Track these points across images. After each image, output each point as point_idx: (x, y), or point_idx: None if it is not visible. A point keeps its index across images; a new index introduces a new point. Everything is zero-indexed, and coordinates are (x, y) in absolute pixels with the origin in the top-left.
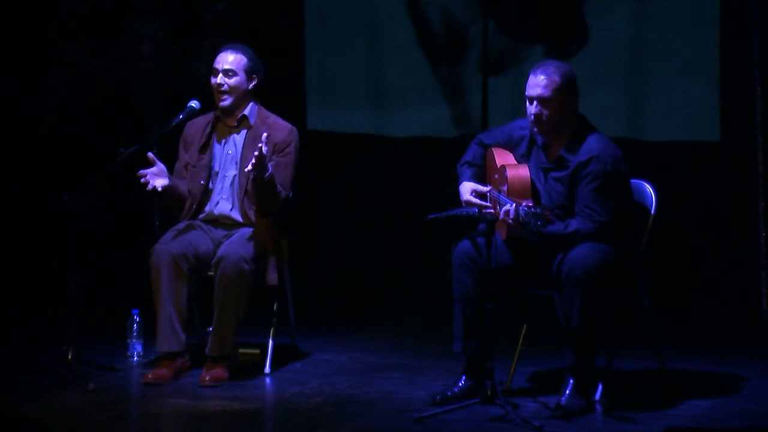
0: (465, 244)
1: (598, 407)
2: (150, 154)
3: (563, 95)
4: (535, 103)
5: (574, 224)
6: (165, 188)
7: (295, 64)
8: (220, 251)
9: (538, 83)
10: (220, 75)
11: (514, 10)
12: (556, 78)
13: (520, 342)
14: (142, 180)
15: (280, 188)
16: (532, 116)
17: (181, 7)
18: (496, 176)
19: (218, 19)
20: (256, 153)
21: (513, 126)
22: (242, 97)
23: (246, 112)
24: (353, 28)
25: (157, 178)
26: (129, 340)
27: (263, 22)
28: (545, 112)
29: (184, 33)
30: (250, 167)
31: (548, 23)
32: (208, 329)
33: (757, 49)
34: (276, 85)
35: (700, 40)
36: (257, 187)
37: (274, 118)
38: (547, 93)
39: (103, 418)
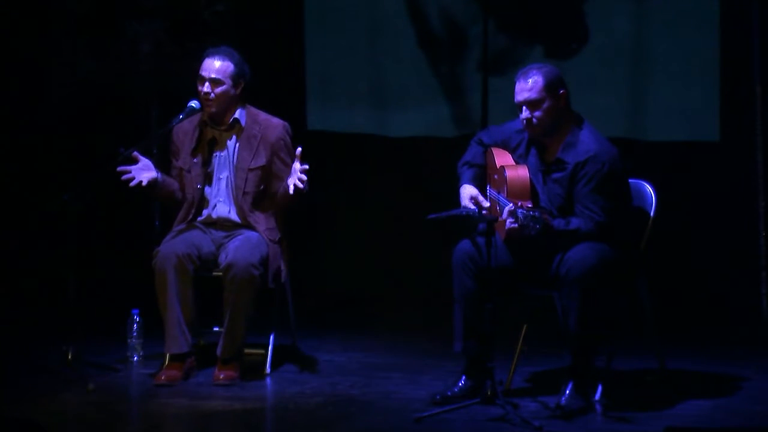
0: (465, 244)
1: (598, 407)
2: (135, 153)
3: (550, 94)
4: (524, 108)
5: (575, 222)
6: (152, 182)
7: (295, 64)
8: (230, 257)
9: (522, 88)
10: (207, 83)
11: (514, 10)
12: (539, 79)
13: (520, 342)
14: (125, 177)
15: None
16: (524, 121)
17: (181, 7)
18: (496, 177)
19: (218, 19)
20: (303, 174)
21: (512, 126)
22: (229, 103)
23: (236, 115)
24: (353, 28)
25: (143, 173)
26: (129, 340)
27: (263, 22)
28: (536, 114)
29: (184, 33)
30: (302, 186)
31: (548, 23)
32: (210, 329)
33: (757, 49)
34: (276, 85)
35: (700, 39)
36: (293, 198)
37: (264, 116)
38: (533, 95)
39: (103, 418)
